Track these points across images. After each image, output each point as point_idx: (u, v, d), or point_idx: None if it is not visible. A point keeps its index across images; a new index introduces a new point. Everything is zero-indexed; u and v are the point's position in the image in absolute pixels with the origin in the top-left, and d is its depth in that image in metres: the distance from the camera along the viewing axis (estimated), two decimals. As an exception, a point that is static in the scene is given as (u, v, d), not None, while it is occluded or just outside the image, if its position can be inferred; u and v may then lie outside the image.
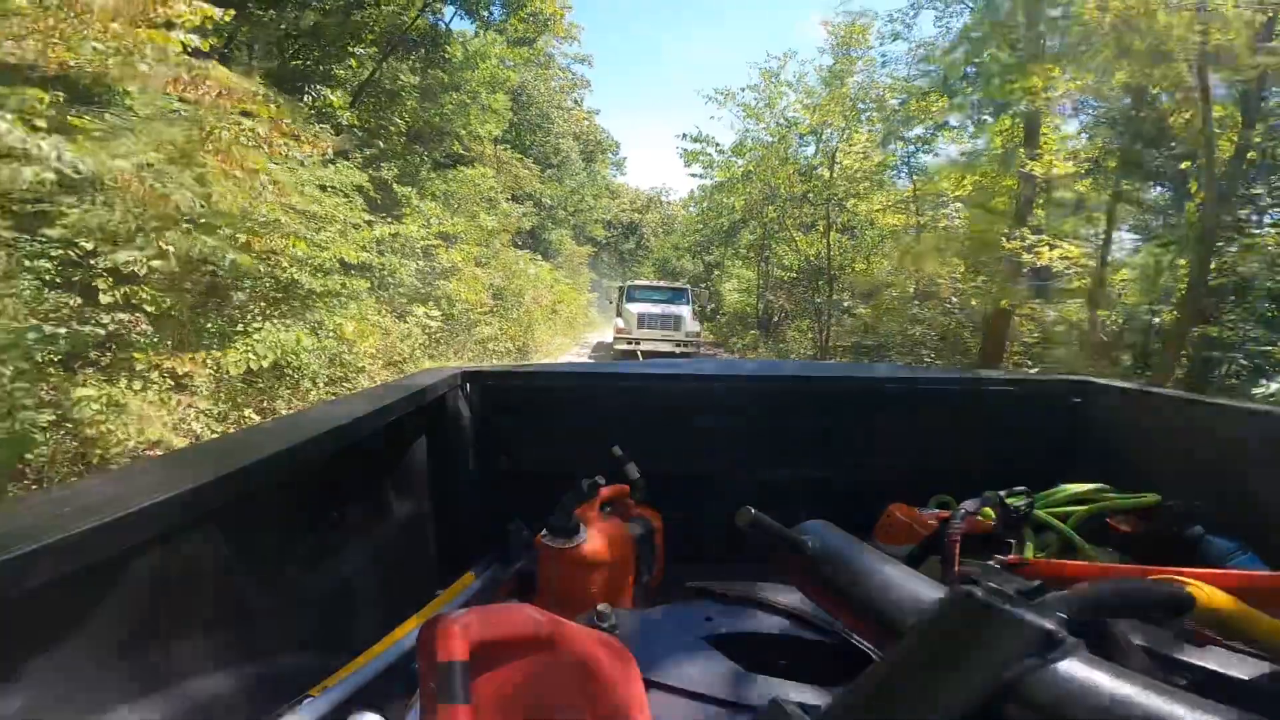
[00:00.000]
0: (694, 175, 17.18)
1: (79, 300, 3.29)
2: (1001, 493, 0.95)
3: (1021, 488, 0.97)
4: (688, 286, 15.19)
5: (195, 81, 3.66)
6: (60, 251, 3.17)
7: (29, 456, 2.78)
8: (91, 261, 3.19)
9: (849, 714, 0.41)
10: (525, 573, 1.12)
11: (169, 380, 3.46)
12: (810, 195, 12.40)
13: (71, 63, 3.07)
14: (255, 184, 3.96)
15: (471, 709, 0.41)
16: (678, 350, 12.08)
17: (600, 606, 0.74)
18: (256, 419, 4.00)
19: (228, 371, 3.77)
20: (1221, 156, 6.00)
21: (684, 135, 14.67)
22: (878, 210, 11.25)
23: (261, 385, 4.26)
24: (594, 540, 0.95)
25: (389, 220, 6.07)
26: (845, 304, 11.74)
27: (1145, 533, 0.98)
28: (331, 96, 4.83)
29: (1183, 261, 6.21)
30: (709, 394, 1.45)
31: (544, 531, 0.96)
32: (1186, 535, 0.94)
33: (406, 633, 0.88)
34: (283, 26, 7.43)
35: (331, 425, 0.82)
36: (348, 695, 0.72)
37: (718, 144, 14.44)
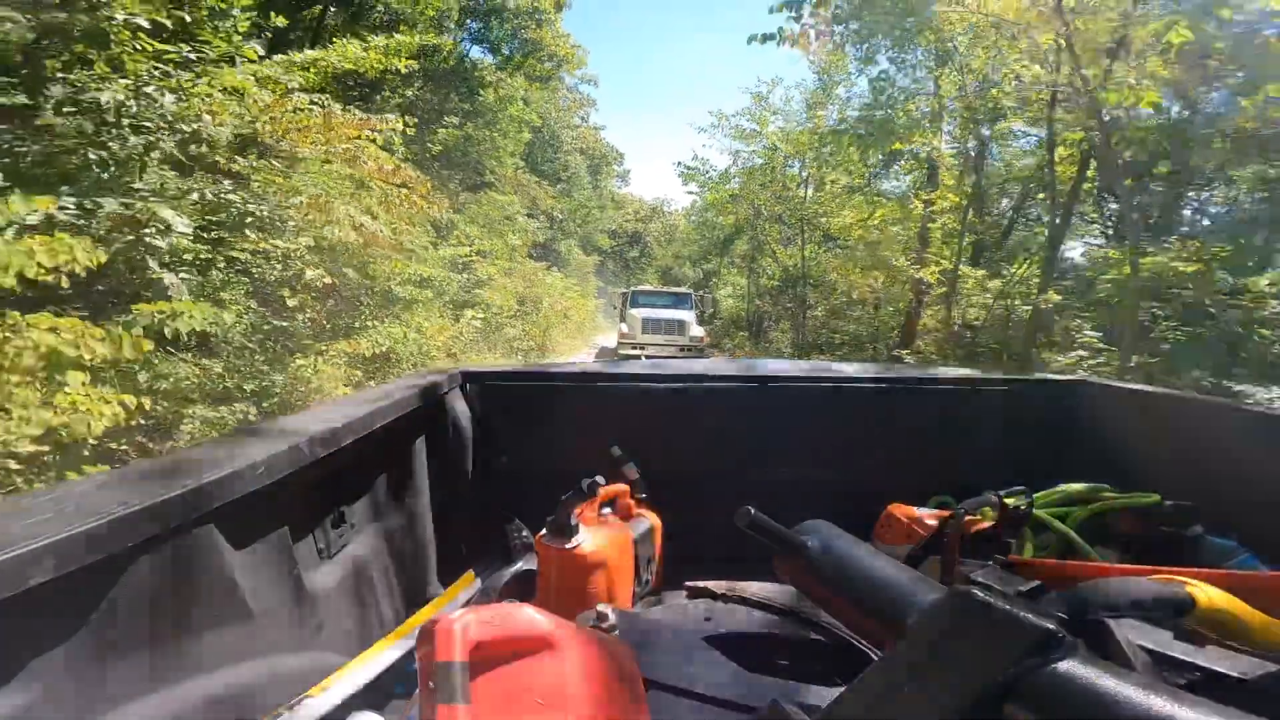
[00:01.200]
0: (690, 193, 19.93)
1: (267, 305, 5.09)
2: (1001, 493, 0.95)
3: (1021, 488, 0.97)
4: (690, 291, 15.21)
5: (384, 170, 5.92)
6: (283, 271, 4.98)
7: (265, 405, 4.42)
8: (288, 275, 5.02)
9: (849, 714, 0.41)
10: (525, 573, 1.12)
11: (330, 356, 5.45)
12: (784, 216, 14.80)
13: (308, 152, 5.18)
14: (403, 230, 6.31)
15: (471, 710, 0.41)
16: (682, 355, 12.08)
17: (600, 606, 0.74)
18: (372, 384, 5.72)
19: (361, 354, 5.70)
20: (1063, 189, 7.88)
21: (679, 163, 17.06)
22: (841, 227, 13.06)
23: (375, 365, 6.11)
24: (594, 540, 0.95)
25: (442, 240, 7.91)
26: (809, 309, 14.16)
27: (1145, 533, 0.98)
28: (396, 123, 5.79)
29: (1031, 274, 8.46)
30: (709, 394, 1.45)
31: (544, 531, 0.96)
32: (1186, 535, 0.94)
33: (407, 633, 0.88)
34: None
35: (332, 425, 0.82)
36: (348, 695, 0.72)
37: (712, 166, 16.72)
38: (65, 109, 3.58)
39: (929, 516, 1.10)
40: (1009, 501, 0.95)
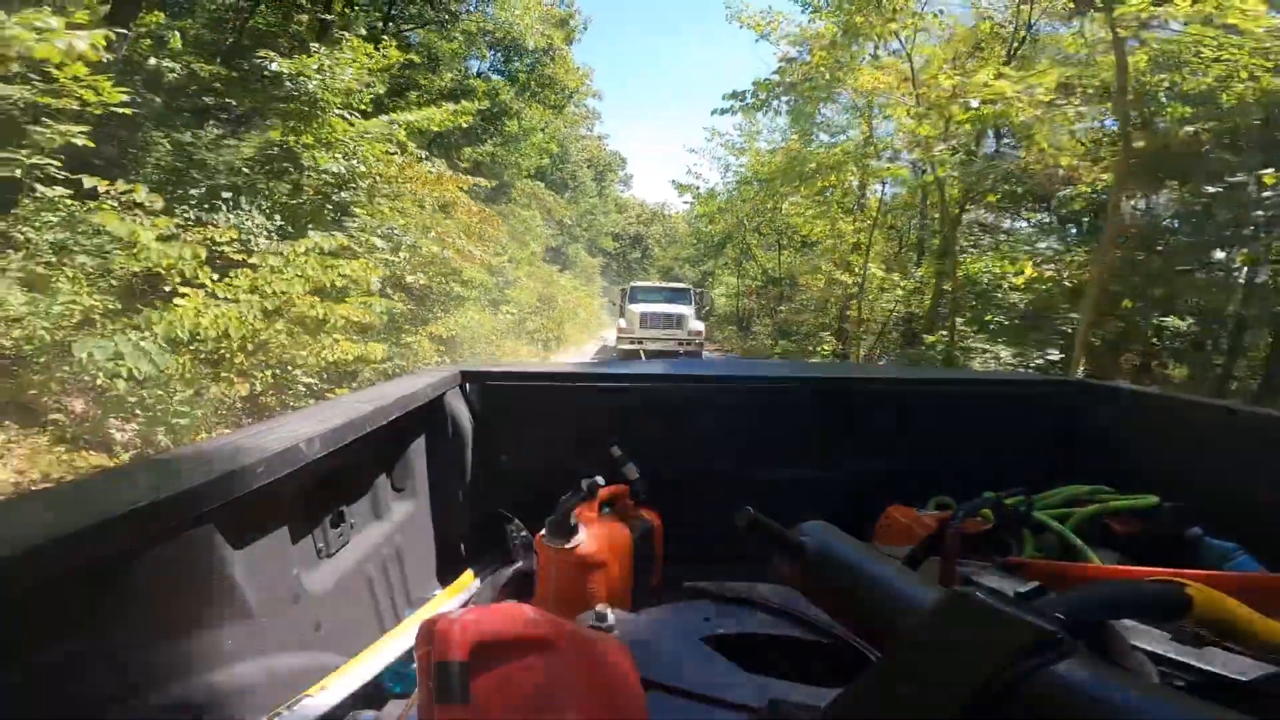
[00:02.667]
0: (686, 203, 22.06)
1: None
2: (1000, 494, 0.95)
3: (1020, 489, 0.97)
4: (690, 287, 15.28)
5: (470, 210, 8.79)
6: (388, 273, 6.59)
7: (384, 368, 5.73)
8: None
9: (848, 715, 0.41)
10: (524, 573, 1.12)
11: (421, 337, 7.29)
12: (760, 227, 17.32)
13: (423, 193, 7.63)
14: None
15: (470, 709, 0.41)
16: (681, 350, 12.05)
17: (599, 606, 0.74)
18: (447, 360, 7.28)
19: (440, 335, 7.65)
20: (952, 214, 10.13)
21: (674, 181, 19.12)
22: (804, 236, 15.80)
23: (446, 344, 7.85)
24: (593, 540, 0.95)
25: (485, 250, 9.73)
26: (782, 304, 16.79)
27: (1144, 534, 0.98)
28: (480, 181, 8.79)
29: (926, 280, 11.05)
30: (709, 394, 1.45)
31: (543, 531, 0.96)
32: (1184, 537, 0.94)
33: (406, 633, 0.88)
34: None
35: (331, 425, 0.82)
36: (347, 695, 0.72)
37: (704, 180, 19.49)
38: (309, 175, 6.20)
39: (928, 517, 1.10)
40: (1008, 503, 0.95)
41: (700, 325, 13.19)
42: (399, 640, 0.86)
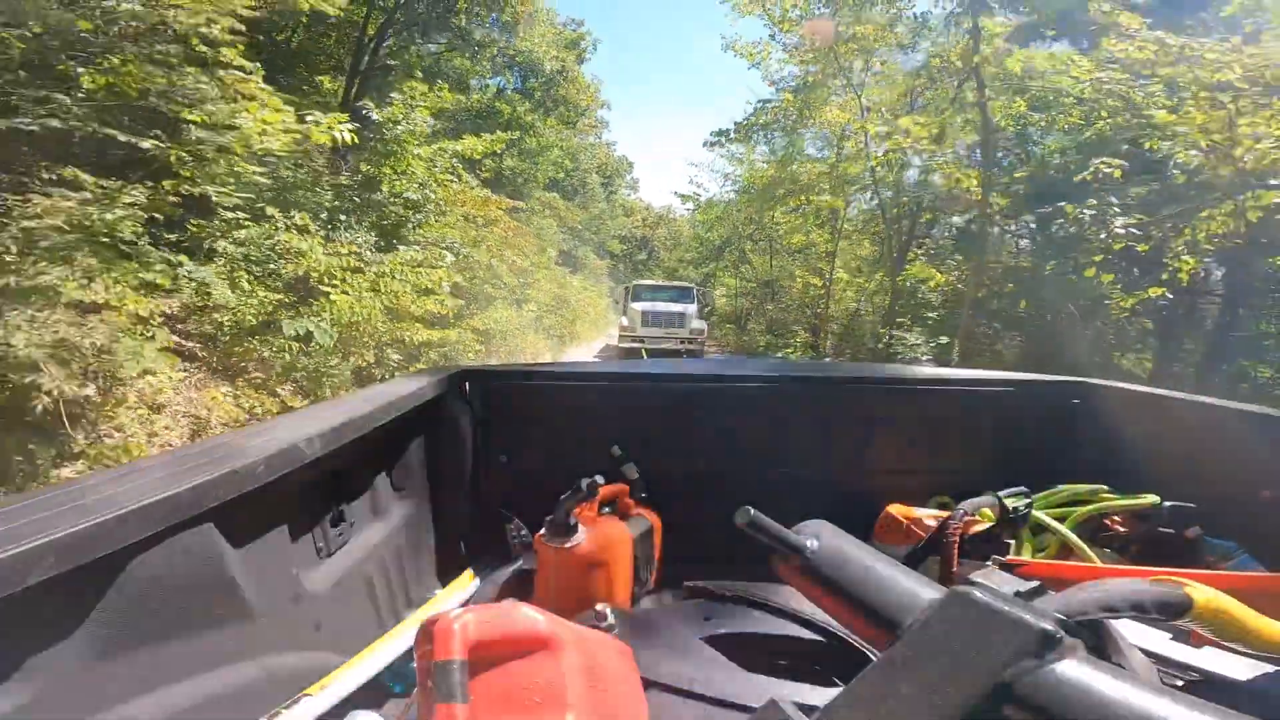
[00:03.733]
0: (688, 209, 23.97)
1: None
2: (1000, 493, 0.95)
3: (1020, 488, 0.97)
4: (693, 285, 15.34)
5: (507, 227, 10.77)
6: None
7: (444, 350, 7.37)
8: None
9: (848, 714, 0.41)
10: (524, 572, 1.12)
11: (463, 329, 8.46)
12: (753, 234, 18.86)
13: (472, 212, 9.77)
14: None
15: (469, 708, 0.41)
16: (682, 347, 12.03)
17: (599, 606, 0.74)
18: (480, 348, 8.86)
19: (479, 330, 9.11)
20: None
21: (676, 192, 21.86)
22: (790, 244, 17.27)
23: (483, 337, 9.26)
24: (593, 540, 0.95)
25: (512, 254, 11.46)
26: (770, 304, 18.45)
27: (1143, 533, 0.98)
28: (518, 203, 11.22)
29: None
30: (709, 394, 1.45)
31: (543, 531, 0.96)
32: (1184, 536, 0.94)
33: (405, 632, 0.88)
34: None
35: (331, 425, 0.82)
36: (346, 694, 0.72)
37: (704, 189, 21.50)
38: (392, 200, 7.96)
39: (928, 517, 1.10)
40: (1008, 502, 0.95)
41: (702, 324, 13.16)
42: (399, 639, 0.86)
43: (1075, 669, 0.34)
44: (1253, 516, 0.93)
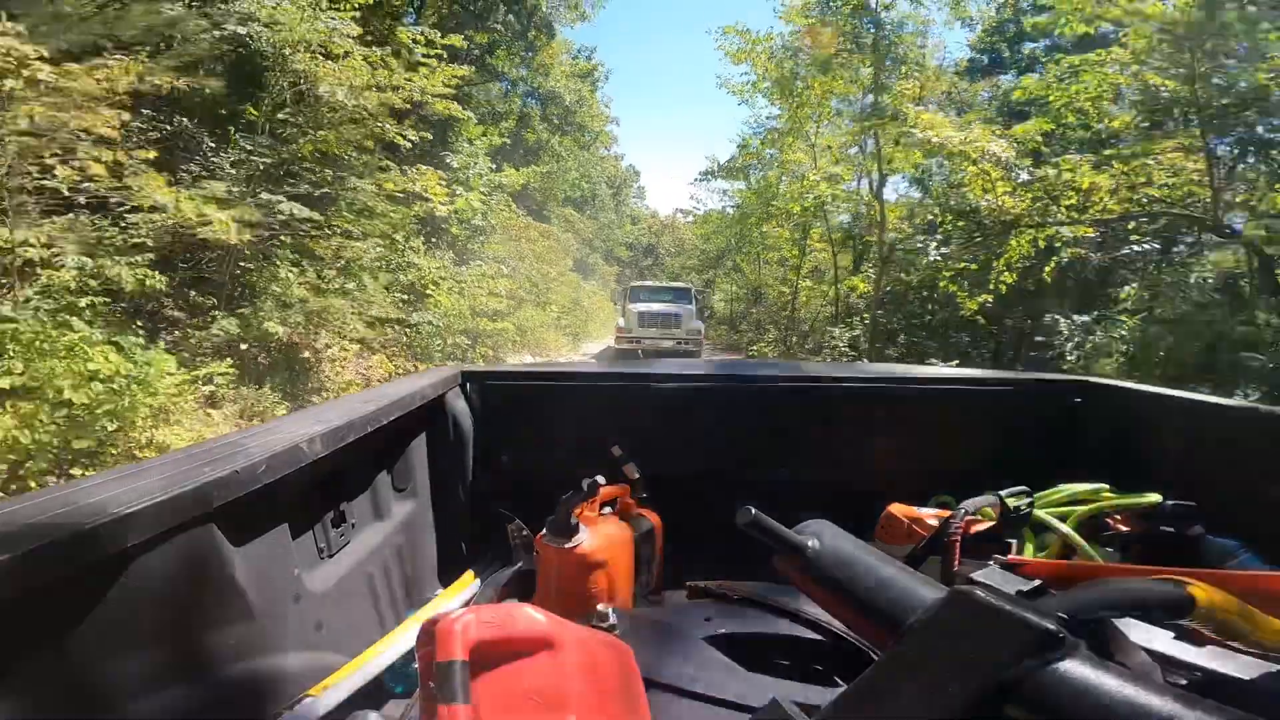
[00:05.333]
0: (690, 220, 27.17)
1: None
2: (1001, 493, 0.94)
3: (1021, 487, 0.97)
4: (690, 286, 15.41)
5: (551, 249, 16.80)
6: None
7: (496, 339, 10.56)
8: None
9: (848, 714, 0.41)
10: (525, 573, 1.12)
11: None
12: (743, 246, 20.86)
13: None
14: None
15: (471, 709, 0.41)
16: (678, 348, 12.04)
17: (600, 606, 0.74)
18: (518, 339, 11.62)
19: (518, 326, 11.64)
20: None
21: (678, 209, 24.52)
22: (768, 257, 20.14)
23: (523, 332, 11.82)
24: (593, 540, 0.95)
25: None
26: (754, 309, 21.39)
27: (1145, 533, 0.98)
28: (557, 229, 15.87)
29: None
30: (709, 394, 1.45)
31: (544, 531, 0.96)
32: (1187, 535, 0.93)
33: (407, 632, 0.88)
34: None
35: (331, 425, 0.82)
36: (348, 695, 0.72)
37: (703, 204, 24.15)
38: (463, 226, 10.80)
39: (929, 516, 1.10)
40: (1010, 501, 0.95)
41: (699, 324, 13.18)
42: (400, 640, 0.86)
43: (1078, 668, 0.34)
44: (1255, 515, 0.93)
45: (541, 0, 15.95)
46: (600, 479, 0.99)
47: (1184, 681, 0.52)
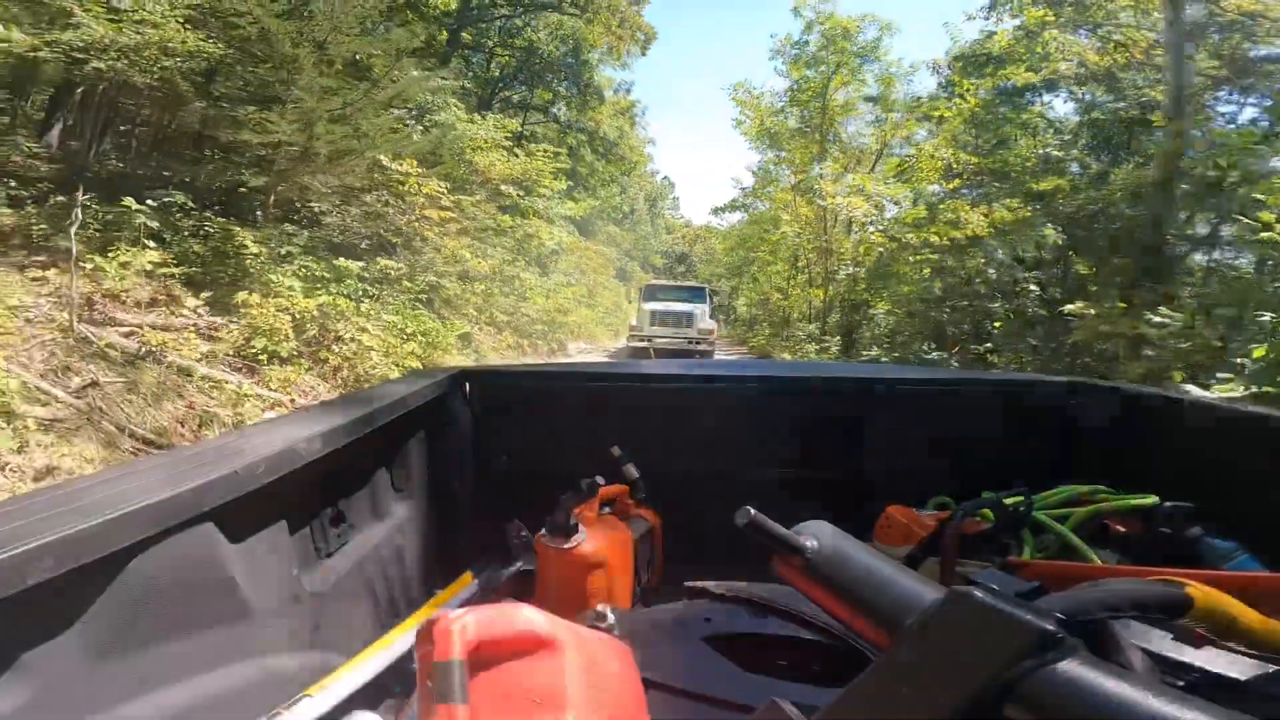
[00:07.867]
0: (719, 225, 29.88)
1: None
2: (1000, 494, 0.95)
3: (1020, 489, 0.97)
4: (705, 286, 15.48)
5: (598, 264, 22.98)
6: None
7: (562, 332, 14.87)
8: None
9: (848, 715, 0.41)
10: (524, 573, 1.12)
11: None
12: (755, 260, 23.97)
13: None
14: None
15: (469, 709, 0.41)
16: (690, 347, 11.97)
17: (599, 606, 0.74)
18: (578, 329, 16.45)
19: (574, 323, 16.37)
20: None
21: (705, 225, 28.34)
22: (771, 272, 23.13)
23: (572, 326, 15.58)
24: (593, 540, 0.95)
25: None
26: (760, 313, 24.37)
27: (1144, 533, 0.98)
28: (609, 250, 21.50)
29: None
30: (709, 394, 1.45)
31: (543, 531, 0.96)
32: (1185, 536, 0.93)
33: (405, 632, 0.88)
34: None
35: (330, 425, 0.82)
36: (346, 695, 0.72)
37: (725, 217, 26.98)
38: (543, 247, 14.86)
39: (928, 517, 1.10)
40: (1008, 502, 0.95)
41: (712, 324, 13.04)
42: (399, 640, 0.86)
43: (1076, 669, 0.34)
44: (1253, 516, 0.93)
45: (594, 72, 20.03)
46: (599, 479, 0.99)
47: (1182, 682, 0.52)
